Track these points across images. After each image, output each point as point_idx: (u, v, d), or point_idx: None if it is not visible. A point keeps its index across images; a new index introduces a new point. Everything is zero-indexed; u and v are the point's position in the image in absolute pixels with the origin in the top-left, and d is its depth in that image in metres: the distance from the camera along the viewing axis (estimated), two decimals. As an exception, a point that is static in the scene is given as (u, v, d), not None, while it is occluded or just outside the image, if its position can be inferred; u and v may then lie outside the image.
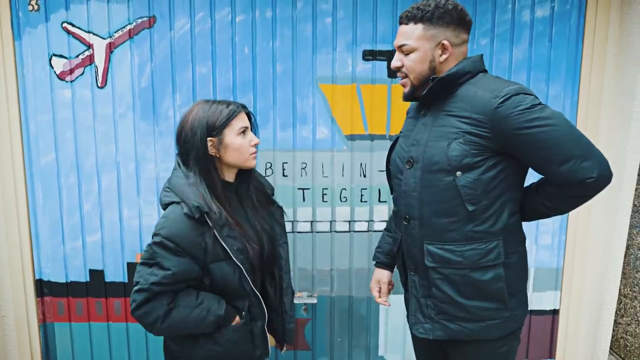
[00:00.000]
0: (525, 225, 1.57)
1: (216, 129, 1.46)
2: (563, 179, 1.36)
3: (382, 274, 1.81)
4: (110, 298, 2.51)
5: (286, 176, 2.45)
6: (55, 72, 2.32)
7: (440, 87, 1.46)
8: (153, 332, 1.48)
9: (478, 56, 1.52)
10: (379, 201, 2.49)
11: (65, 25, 2.28)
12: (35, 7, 2.27)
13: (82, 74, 2.33)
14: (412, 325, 1.61)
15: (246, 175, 1.62)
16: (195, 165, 1.47)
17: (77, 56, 2.31)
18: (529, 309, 1.67)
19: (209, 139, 1.47)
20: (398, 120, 2.41)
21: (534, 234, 2.53)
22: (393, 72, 2.36)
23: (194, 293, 1.49)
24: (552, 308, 2.61)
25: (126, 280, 2.49)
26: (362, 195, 2.48)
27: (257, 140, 1.55)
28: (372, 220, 2.51)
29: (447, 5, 1.45)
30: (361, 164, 2.45)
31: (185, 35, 2.31)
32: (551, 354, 2.68)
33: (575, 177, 1.34)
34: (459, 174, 1.42)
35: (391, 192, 1.71)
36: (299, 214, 2.49)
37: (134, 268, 2.47)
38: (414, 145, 1.53)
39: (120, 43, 2.31)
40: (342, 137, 2.43)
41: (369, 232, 2.51)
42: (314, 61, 2.36)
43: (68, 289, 2.50)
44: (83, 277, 2.49)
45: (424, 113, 1.54)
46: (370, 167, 2.45)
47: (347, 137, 2.43)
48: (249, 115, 1.57)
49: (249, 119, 1.57)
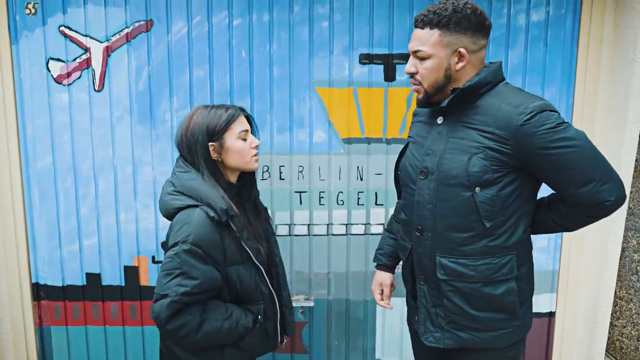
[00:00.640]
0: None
1: (217, 134, 1.47)
2: (581, 199, 1.35)
3: (384, 277, 1.79)
4: (107, 302, 2.51)
5: (283, 179, 2.45)
6: (52, 76, 2.32)
7: (461, 97, 1.41)
8: (185, 344, 1.46)
9: (498, 64, 1.46)
10: (376, 204, 2.49)
11: (62, 28, 2.28)
12: (33, 10, 2.27)
13: (79, 78, 2.33)
14: (422, 334, 1.58)
15: (249, 178, 1.64)
16: (204, 169, 1.47)
17: (75, 60, 2.31)
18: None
19: (210, 144, 1.47)
20: (394, 124, 2.42)
21: (530, 236, 2.53)
22: (389, 76, 2.38)
23: (222, 305, 1.49)
24: (548, 311, 2.62)
25: (123, 284, 2.49)
26: (359, 198, 2.49)
27: (257, 142, 1.56)
28: (369, 223, 2.51)
29: (465, 9, 1.37)
30: (358, 167, 2.46)
31: (183, 39, 2.32)
32: (547, 357, 2.68)
33: (595, 199, 1.33)
34: (477, 189, 1.38)
35: (398, 197, 1.69)
36: (295, 217, 2.49)
37: (130, 271, 2.48)
38: (428, 154, 1.47)
39: (118, 47, 2.31)
40: (339, 140, 2.44)
41: (365, 235, 2.52)
42: (310, 65, 2.37)
43: (65, 293, 2.50)
44: (80, 280, 2.49)
45: (440, 121, 1.48)
46: (367, 171, 2.46)
47: (343, 140, 2.44)
48: (249, 118, 1.58)
49: (249, 121, 1.58)
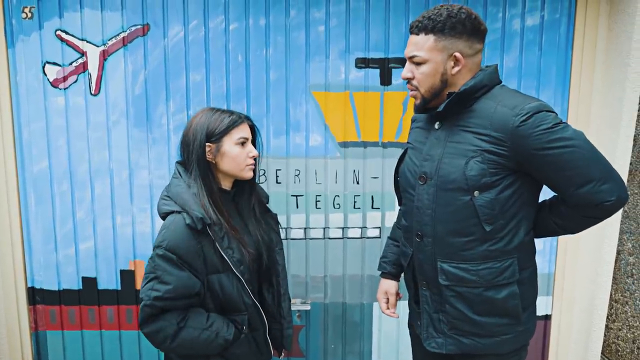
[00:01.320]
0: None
1: (215, 136, 1.49)
2: (581, 200, 1.34)
3: (389, 285, 1.78)
4: (103, 306, 2.50)
5: (279, 183, 2.45)
6: (48, 80, 2.32)
7: (456, 101, 1.41)
8: (161, 350, 1.49)
9: (493, 67, 1.47)
10: (372, 208, 2.50)
11: (58, 32, 2.28)
12: (29, 14, 2.27)
13: (75, 82, 2.33)
14: (424, 340, 1.57)
15: (247, 186, 1.63)
16: (195, 170, 1.48)
17: (71, 64, 2.31)
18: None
19: (207, 144, 1.49)
20: (390, 128, 2.43)
21: (525, 239, 2.54)
22: (386, 80, 2.39)
23: (204, 314, 1.49)
24: (544, 313, 2.62)
25: (119, 288, 2.48)
26: (355, 202, 2.49)
27: (255, 152, 1.56)
28: (365, 227, 2.51)
29: (459, 14, 1.38)
30: (354, 170, 2.46)
31: (179, 43, 2.32)
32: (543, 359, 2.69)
33: (594, 199, 1.32)
34: (476, 193, 1.38)
35: (399, 203, 1.68)
36: (292, 220, 2.49)
37: (127, 276, 2.48)
38: (426, 160, 1.48)
39: (114, 51, 2.31)
40: (335, 144, 2.44)
41: (362, 238, 2.52)
42: (307, 69, 2.37)
43: (60, 297, 2.49)
44: (76, 284, 2.48)
45: (437, 126, 1.49)
46: (363, 174, 2.46)
47: (340, 144, 2.44)
48: (253, 129, 1.58)
49: (253, 132, 1.58)
